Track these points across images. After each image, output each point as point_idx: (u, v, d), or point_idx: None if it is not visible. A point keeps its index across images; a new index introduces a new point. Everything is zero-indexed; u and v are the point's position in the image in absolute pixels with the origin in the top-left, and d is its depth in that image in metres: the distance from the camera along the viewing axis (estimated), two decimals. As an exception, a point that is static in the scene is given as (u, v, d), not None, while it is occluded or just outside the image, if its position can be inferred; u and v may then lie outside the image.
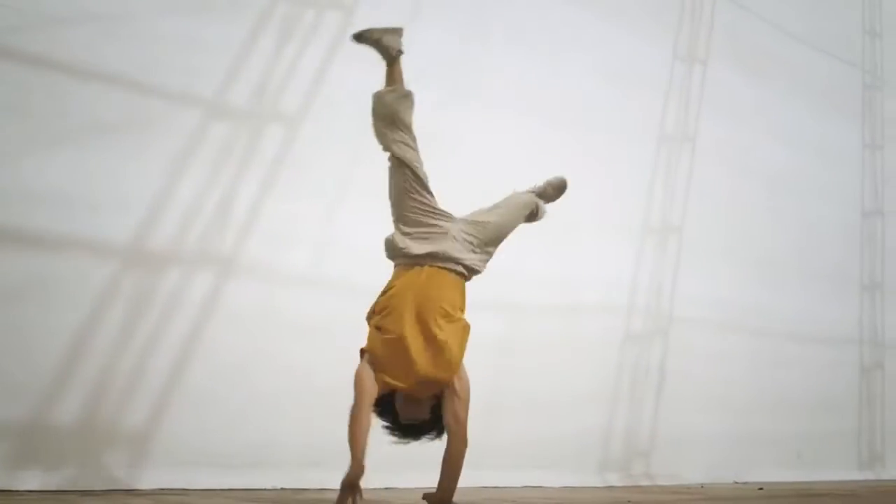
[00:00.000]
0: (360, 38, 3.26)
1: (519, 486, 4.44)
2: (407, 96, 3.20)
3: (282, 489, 3.64)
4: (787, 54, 6.69)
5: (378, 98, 3.17)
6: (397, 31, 3.28)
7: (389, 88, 3.18)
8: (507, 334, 4.60)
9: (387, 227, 3.99)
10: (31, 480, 3.10)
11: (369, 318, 2.96)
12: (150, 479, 3.35)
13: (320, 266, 4.06)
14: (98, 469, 3.27)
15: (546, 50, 5.29)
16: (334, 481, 3.72)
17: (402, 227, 3.08)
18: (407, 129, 3.19)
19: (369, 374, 2.82)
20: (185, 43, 3.81)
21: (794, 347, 6.20)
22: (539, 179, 3.57)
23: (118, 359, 3.42)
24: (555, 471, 4.63)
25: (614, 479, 4.90)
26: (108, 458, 3.32)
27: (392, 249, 3.06)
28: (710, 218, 5.88)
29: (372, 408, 2.84)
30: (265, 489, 3.62)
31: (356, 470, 2.79)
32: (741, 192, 6.14)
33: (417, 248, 2.98)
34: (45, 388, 3.23)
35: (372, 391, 2.81)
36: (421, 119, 4.57)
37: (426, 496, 2.96)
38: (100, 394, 3.35)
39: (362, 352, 2.91)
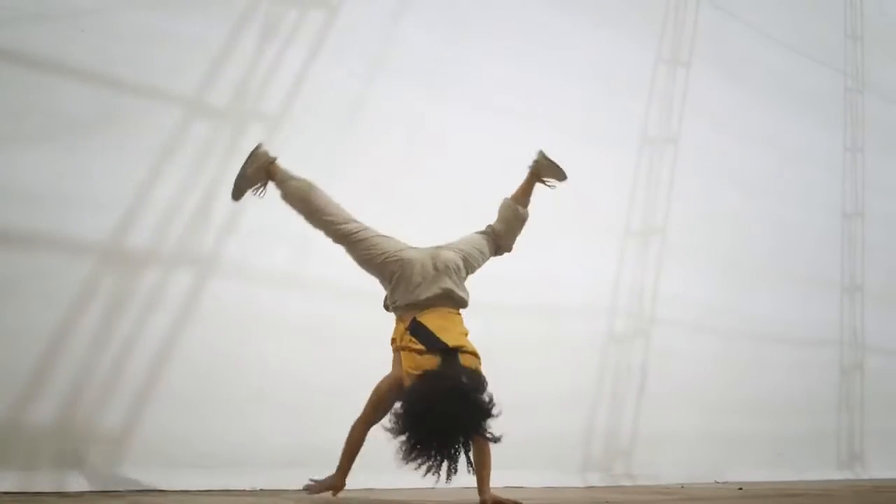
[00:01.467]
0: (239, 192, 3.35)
1: (500, 486, 4.43)
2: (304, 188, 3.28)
3: (261, 490, 3.62)
4: (769, 58, 6.76)
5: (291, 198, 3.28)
6: (254, 156, 3.31)
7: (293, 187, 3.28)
8: (484, 335, 4.57)
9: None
10: (6, 482, 3.06)
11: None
12: (127, 481, 3.33)
13: (301, 266, 4.05)
14: (75, 470, 3.24)
15: (530, 51, 5.30)
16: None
17: None
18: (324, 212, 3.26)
19: (390, 396, 2.92)
20: (164, 39, 3.78)
21: (775, 348, 6.26)
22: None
23: (95, 359, 3.39)
24: (536, 471, 4.63)
25: (595, 480, 4.92)
26: (86, 460, 3.29)
27: None
28: (691, 220, 5.92)
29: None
30: (244, 490, 3.61)
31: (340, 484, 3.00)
32: (723, 195, 6.19)
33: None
34: (20, 389, 3.20)
35: (383, 413, 2.92)
36: (405, 118, 4.61)
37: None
38: (77, 394, 3.32)
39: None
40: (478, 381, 2.77)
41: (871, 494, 4.74)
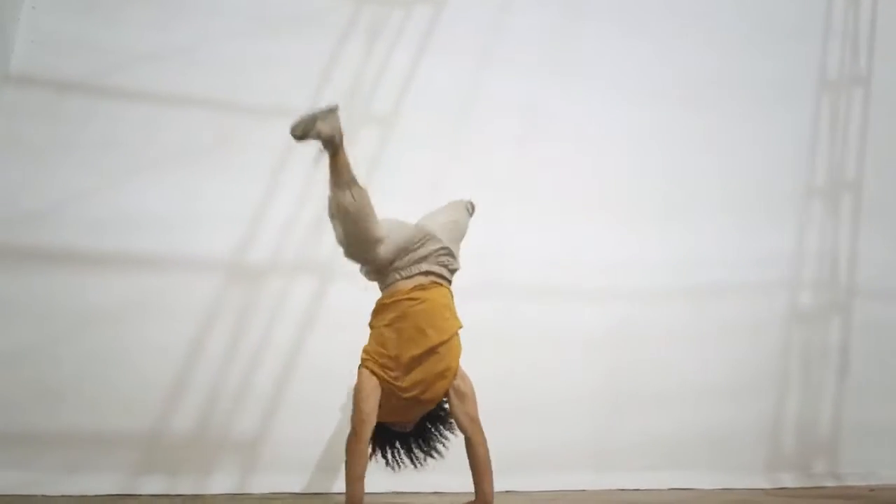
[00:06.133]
0: (299, 133, 2.68)
1: (665, 488, 4.00)
2: (366, 197, 2.70)
3: (393, 492, 3.57)
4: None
5: (338, 209, 2.67)
6: (333, 112, 2.69)
7: (348, 193, 2.65)
8: (626, 323, 4.20)
9: (483, 229, 3.85)
10: (152, 485, 3.32)
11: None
12: (260, 484, 3.45)
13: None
14: (212, 474, 3.43)
15: (659, 16, 4.79)
16: (446, 483, 3.62)
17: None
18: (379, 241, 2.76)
19: (376, 395, 2.66)
20: (273, 61, 3.95)
21: None
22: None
23: (227, 369, 3.58)
24: (710, 471, 4.11)
25: (788, 480, 4.23)
26: (222, 464, 3.47)
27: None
28: (893, 170, 4.97)
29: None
30: (376, 493, 3.57)
31: None
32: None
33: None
34: (162, 400, 3.46)
35: (374, 417, 2.65)
36: (520, 107, 4.37)
37: None
38: (212, 403, 3.52)
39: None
40: None
41: None
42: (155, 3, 3.84)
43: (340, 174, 2.68)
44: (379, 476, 3.55)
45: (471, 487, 2.84)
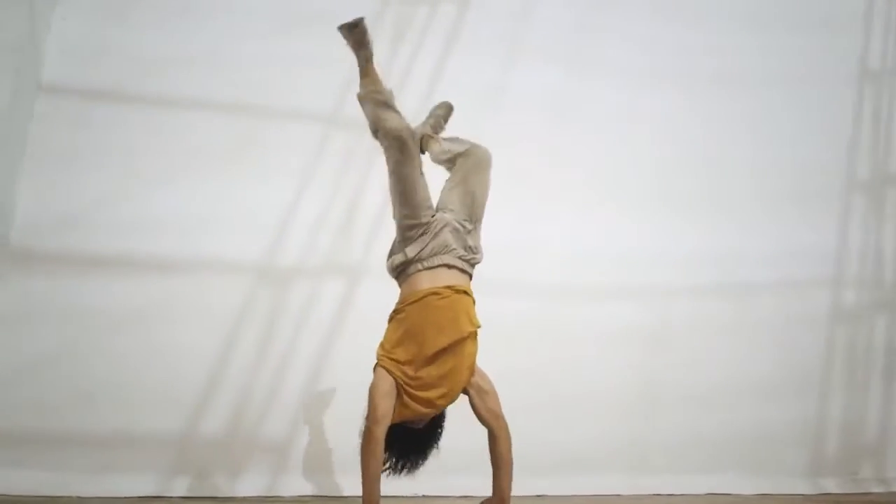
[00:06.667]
0: (346, 25, 3.00)
1: (702, 493, 3.89)
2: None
3: (423, 496, 3.54)
4: None
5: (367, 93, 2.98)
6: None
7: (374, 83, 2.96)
8: (673, 319, 4.11)
9: (512, 225, 3.78)
10: (182, 487, 3.34)
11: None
12: (289, 486, 3.45)
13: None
14: (241, 476, 3.43)
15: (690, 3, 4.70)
16: (474, 487, 3.56)
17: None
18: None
19: (392, 396, 2.57)
20: (297, 60, 3.94)
21: None
22: (426, 115, 3.31)
23: (256, 372, 3.58)
24: (749, 475, 4.00)
25: (832, 485, 4.09)
26: (251, 467, 3.47)
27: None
28: (941, 161, 4.77)
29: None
30: (405, 496, 3.55)
31: None
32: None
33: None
34: (192, 403, 3.48)
35: (389, 418, 2.56)
36: (548, 99, 4.30)
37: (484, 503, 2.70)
38: (241, 406, 3.53)
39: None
40: None
41: None
42: (179, 11, 3.87)
43: (370, 76, 2.98)
44: (407, 479, 3.53)
45: (500, 491, 2.79)
